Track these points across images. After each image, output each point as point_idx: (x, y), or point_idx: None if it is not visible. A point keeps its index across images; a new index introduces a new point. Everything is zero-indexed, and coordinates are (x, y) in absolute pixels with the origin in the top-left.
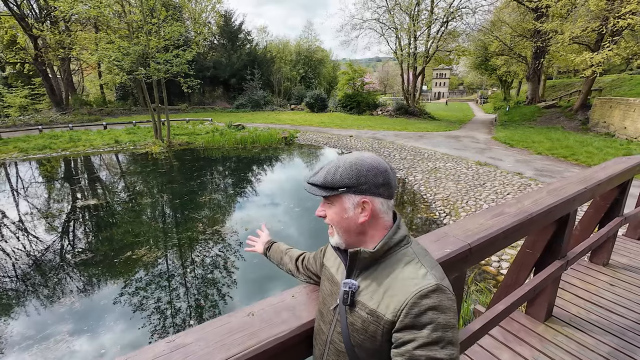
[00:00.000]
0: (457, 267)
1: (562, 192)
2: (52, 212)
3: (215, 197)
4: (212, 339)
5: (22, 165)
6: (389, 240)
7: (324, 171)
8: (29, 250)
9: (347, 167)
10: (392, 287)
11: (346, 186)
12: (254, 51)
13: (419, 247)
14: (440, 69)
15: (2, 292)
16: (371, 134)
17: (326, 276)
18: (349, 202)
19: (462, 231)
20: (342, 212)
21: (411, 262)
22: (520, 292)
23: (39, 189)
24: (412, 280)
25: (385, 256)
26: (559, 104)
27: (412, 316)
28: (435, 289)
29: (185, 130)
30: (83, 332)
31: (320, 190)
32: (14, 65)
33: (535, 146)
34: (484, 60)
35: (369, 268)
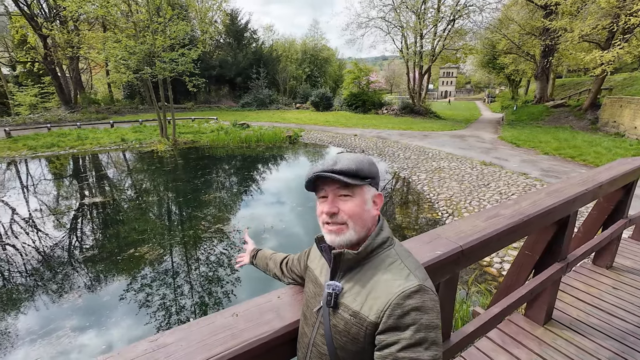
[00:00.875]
0: (449, 269)
1: (561, 194)
2: (60, 209)
3: (220, 196)
4: (195, 338)
5: (31, 163)
6: (372, 242)
7: (350, 161)
8: (37, 245)
9: (369, 162)
10: (375, 289)
11: (371, 177)
12: (259, 50)
13: (402, 248)
14: (447, 67)
15: (11, 287)
16: (376, 133)
17: (310, 278)
18: (369, 194)
19: (455, 233)
20: (362, 204)
21: (394, 264)
22: (517, 295)
23: (47, 186)
24: (395, 282)
25: (369, 257)
26: (568, 103)
27: (395, 317)
28: (417, 290)
29: (191, 129)
30: (88, 327)
31: (348, 178)
32: (25, 64)
33: (542, 146)
34: (491, 59)
35: (352, 269)
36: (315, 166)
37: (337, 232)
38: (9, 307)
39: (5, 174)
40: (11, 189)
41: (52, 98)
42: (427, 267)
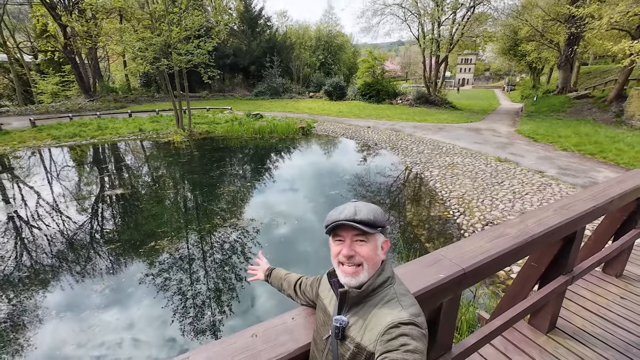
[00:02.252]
0: (451, 290)
1: (569, 211)
2: (84, 197)
3: (234, 189)
4: (219, 359)
5: (55, 151)
6: (374, 282)
7: (368, 212)
8: (62, 231)
9: (380, 211)
10: (372, 323)
11: (382, 226)
12: (273, 37)
13: (402, 287)
14: (465, 54)
15: (39, 268)
16: (389, 125)
17: (320, 307)
18: (379, 240)
19: (459, 254)
20: (375, 248)
21: (391, 301)
22: (520, 307)
23: (70, 175)
24: (388, 316)
25: (370, 295)
26: (592, 94)
27: (384, 342)
28: (407, 322)
29: (206, 119)
30: (110, 305)
31: (367, 227)
32: (46, 53)
33: (562, 141)
34: (512, 46)
35: (357, 305)
36: (335, 212)
37: (353, 275)
38: (38, 285)
39: (33, 162)
40: (36, 174)
41: (73, 86)
42: (430, 290)
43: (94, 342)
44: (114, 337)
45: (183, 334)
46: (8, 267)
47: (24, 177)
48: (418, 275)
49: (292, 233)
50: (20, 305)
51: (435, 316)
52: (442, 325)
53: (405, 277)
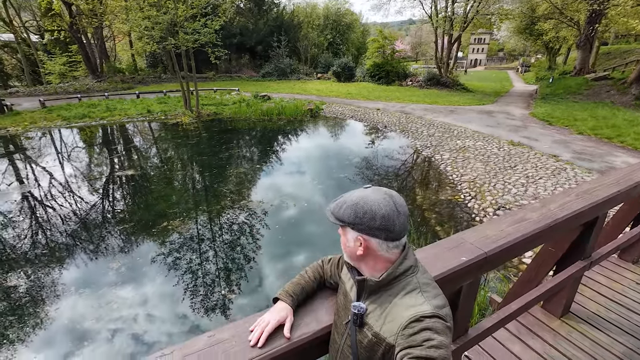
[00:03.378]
0: (472, 274)
1: (592, 196)
2: (93, 179)
3: (243, 170)
4: (247, 335)
5: (65, 132)
6: (393, 271)
7: (335, 203)
8: (76, 210)
9: (349, 206)
10: (391, 313)
11: (345, 222)
12: (281, 16)
13: (425, 276)
14: (479, 33)
15: (55, 246)
16: (399, 107)
17: (342, 290)
18: (350, 234)
19: (480, 238)
20: (345, 240)
21: (413, 292)
22: (537, 292)
23: (82, 156)
24: (411, 308)
25: (391, 284)
26: (612, 76)
27: (405, 336)
28: (430, 315)
29: (213, 101)
30: (127, 283)
31: (332, 218)
32: (52, 33)
33: (577, 125)
34: (529, 24)
35: (376, 293)
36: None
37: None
38: (55, 262)
39: (45, 142)
40: (48, 155)
41: (80, 67)
42: (452, 273)
43: (112, 317)
44: (130, 312)
45: (194, 310)
46: (25, 244)
47: (37, 157)
48: (439, 259)
49: (301, 215)
50: (39, 281)
51: (454, 299)
52: (460, 308)
53: (426, 261)
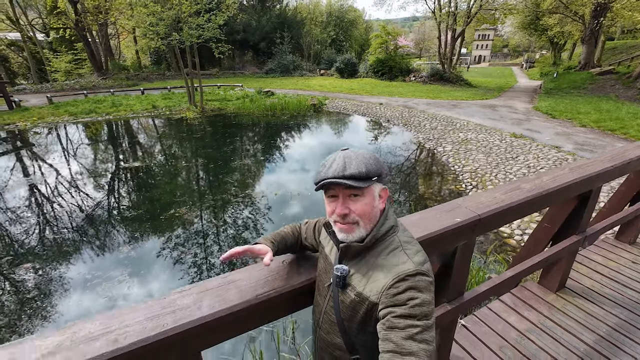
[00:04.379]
0: (465, 234)
1: (585, 170)
2: (102, 171)
3: (247, 162)
4: (255, 277)
5: (73, 128)
6: (377, 232)
7: (358, 163)
8: (88, 200)
9: (373, 158)
10: (376, 273)
11: (377, 175)
12: (284, 12)
13: (405, 234)
14: (482, 29)
15: (62, 241)
16: (402, 102)
17: (322, 254)
18: (376, 191)
19: (475, 203)
20: (372, 200)
21: (395, 250)
22: (532, 262)
23: (90, 149)
24: (394, 267)
25: (373, 246)
26: (617, 70)
27: (390, 295)
28: (414, 274)
29: (217, 96)
30: (133, 276)
31: (360, 182)
32: (58, 31)
33: (581, 118)
34: (534, 19)
35: (359, 255)
36: (324, 168)
37: (348, 231)
38: (63, 257)
39: (53, 136)
40: (57, 148)
41: (85, 65)
42: (447, 231)
43: (129, 300)
44: (143, 293)
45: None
46: (41, 232)
47: (48, 150)
48: (436, 220)
49: (302, 203)
50: (58, 266)
51: (450, 260)
52: (456, 269)
53: (423, 221)
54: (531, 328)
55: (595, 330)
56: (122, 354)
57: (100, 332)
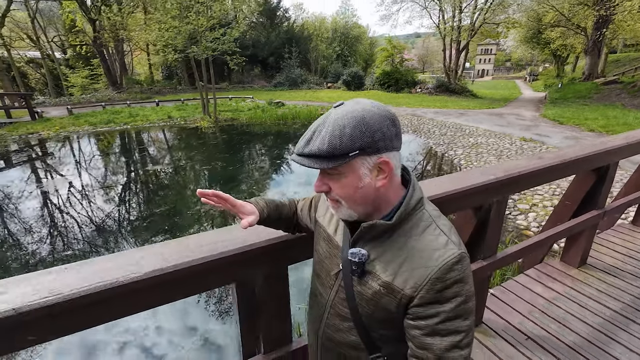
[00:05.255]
0: (499, 190)
1: (602, 145)
2: (129, 172)
3: (263, 167)
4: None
5: (94, 137)
6: (406, 208)
7: (324, 135)
8: (118, 200)
9: (358, 123)
10: (410, 259)
11: (360, 148)
12: (291, 29)
13: (432, 207)
14: (485, 44)
15: (106, 227)
16: (410, 111)
17: (322, 235)
18: (363, 167)
19: (505, 168)
20: (356, 181)
21: (429, 228)
22: (555, 230)
23: (116, 155)
24: (435, 252)
25: (400, 223)
26: (621, 80)
27: (435, 291)
28: (459, 260)
29: (229, 107)
30: None
31: (324, 161)
32: (74, 48)
33: (588, 123)
34: (536, 33)
35: (381, 236)
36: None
37: (335, 209)
38: (105, 239)
39: (76, 144)
40: (81, 155)
41: (100, 79)
42: (482, 186)
43: None
44: None
45: None
46: (82, 226)
47: (71, 156)
48: (472, 176)
49: None
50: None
51: (485, 216)
52: (490, 226)
53: (457, 178)
54: (557, 297)
55: (618, 299)
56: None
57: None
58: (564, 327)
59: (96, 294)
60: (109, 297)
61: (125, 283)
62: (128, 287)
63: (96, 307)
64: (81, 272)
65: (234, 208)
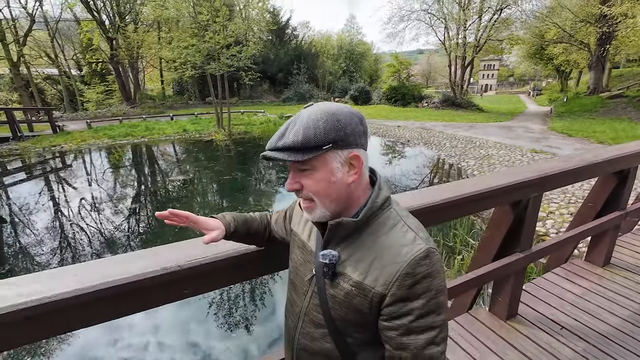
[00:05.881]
0: (536, 187)
1: (621, 150)
2: (153, 181)
3: (277, 176)
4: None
5: (114, 149)
6: (372, 205)
7: (297, 128)
8: (143, 205)
9: (330, 117)
10: (379, 257)
11: (333, 141)
12: (300, 46)
13: (399, 206)
14: (488, 59)
15: (134, 231)
16: (419, 125)
17: (296, 243)
18: (335, 160)
19: (537, 168)
20: (329, 175)
21: (396, 226)
22: (583, 228)
23: (137, 166)
24: (403, 248)
25: (368, 222)
26: (627, 94)
27: (405, 287)
28: (427, 254)
29: (242, 121)
30: None
31: (298, 153)
32: (90, 65)
33: (597, 136)
34: (539, 49)
35: (350, 236)
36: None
37: (308, 210)
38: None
39: (97, 155)
40: (105, 165)
41: (114, 95)
42: (525, 181)
43: None
44: None
45: None
46: (113, 230)
47: (99, 167)
48: (510, 174)
49: None
50: None
51: (522, 213)
52: (527, 220)
53: (494, 177)
54: (585, 292)
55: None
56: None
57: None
58: (595, 319)
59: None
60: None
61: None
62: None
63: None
64: None
65: (196, 224)
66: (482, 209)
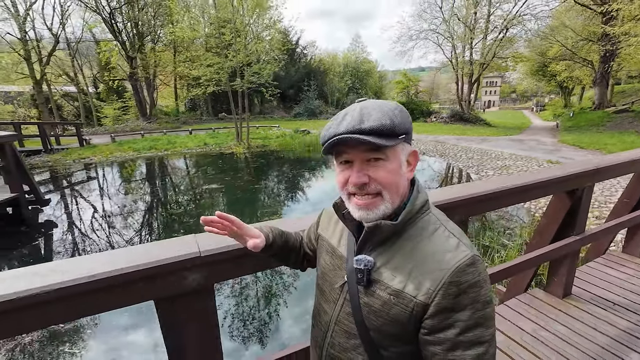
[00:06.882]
0: (589, 177)
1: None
2: (189, 189)
3: (303, 184)
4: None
5: (140, 161)
6: (412, 209)
7: (381, 114)
8: (188, 206)
9: (402, 109)
10: (420, 263)
11: (406, 132)
12: (309, 64)
13: (437, 210)
14: (490, 76)
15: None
16: (432, 138)
17: (324, 248)
18: (403, 153)
19: (594, 162)
20: (398, 167)
21: (437, 231)
22: (623, 219)
23: (169, 176)
24: (446, 255)
25: (405, 227)
26: (632, 109)
27: (451, 297)
28: (472, 262)
29: (259, 135)
30: None
31: (382, 139)
32: (107, 83)
33: (609, 147)
34: (542, 66)
35: (387, 241)
36: (334, 122)
37: (369, 208)
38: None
39: (128, 166)
40: (139, 175)
41: (130, 111)
42: (582, 172)
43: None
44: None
45: None
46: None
47: (131, 176)
48: (566, 167)
49: None
50: None
51: (577, 203)
52: (581, 209)
53: (549, 170)
54: (629, 277)
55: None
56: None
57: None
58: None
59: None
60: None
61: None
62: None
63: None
64: None
65: (240, 230)
66: (540, 196)
